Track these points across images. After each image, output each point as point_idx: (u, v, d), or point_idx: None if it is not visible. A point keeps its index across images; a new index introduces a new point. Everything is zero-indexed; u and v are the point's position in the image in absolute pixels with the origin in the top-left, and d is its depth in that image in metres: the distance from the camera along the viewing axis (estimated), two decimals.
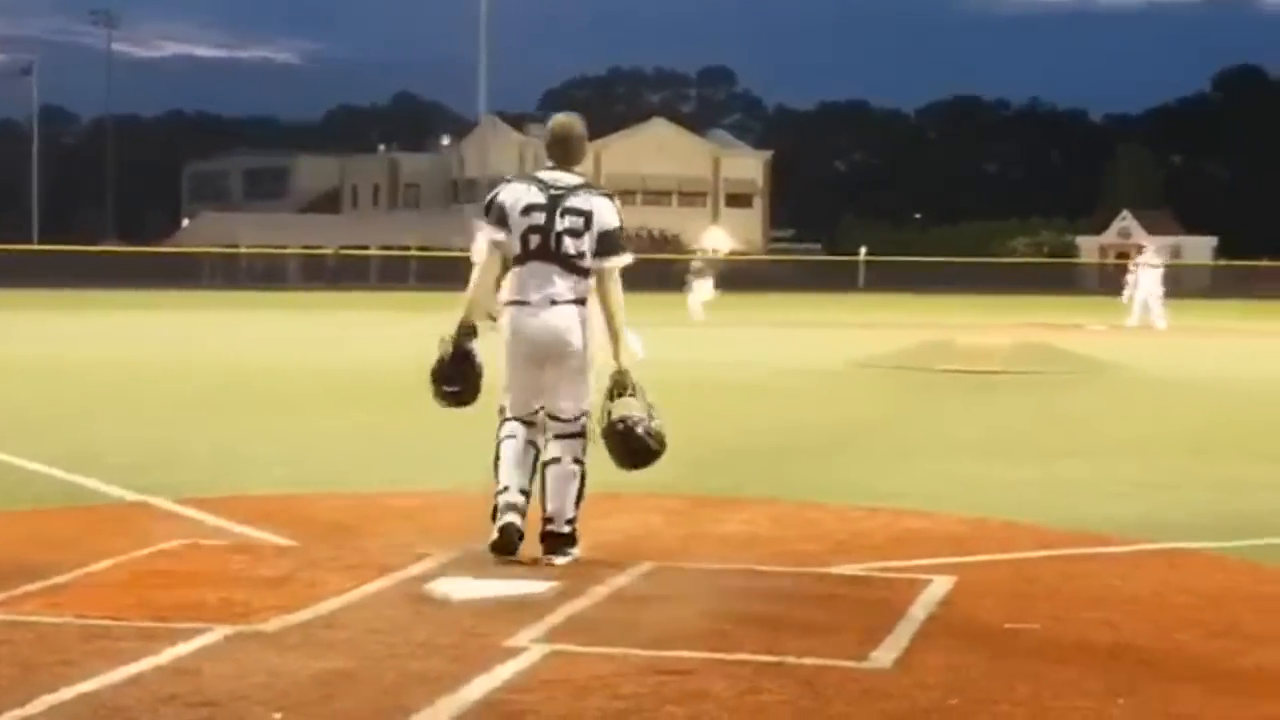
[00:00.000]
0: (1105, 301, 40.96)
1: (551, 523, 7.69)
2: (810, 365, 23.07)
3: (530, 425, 7.80)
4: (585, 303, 7.75)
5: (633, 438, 7.72)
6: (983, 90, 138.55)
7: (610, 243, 7.78)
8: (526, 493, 7.72)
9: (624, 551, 7.90)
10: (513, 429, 7.82)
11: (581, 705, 5.26)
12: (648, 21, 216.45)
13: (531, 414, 7.79)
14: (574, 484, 7.72)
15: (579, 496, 7.74)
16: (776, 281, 73.17)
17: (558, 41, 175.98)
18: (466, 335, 7.81)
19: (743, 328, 34.77)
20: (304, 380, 19.66)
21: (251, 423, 14.56)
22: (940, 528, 9.00)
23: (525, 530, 7.66)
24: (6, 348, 25.63)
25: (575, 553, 7.68)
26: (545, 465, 7.74)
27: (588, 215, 7.73)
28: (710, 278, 40.89)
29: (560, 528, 7.68)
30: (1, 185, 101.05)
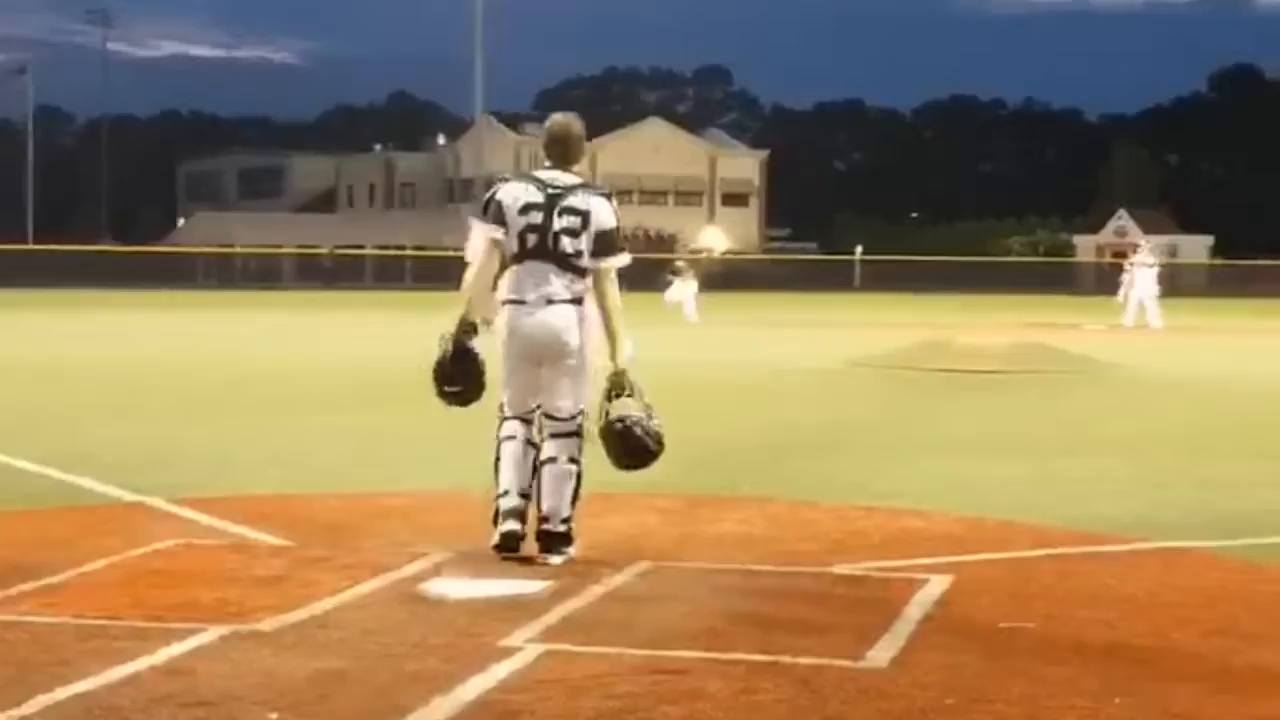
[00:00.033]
0: (1102, 301, 40.94)
1: (547, 522, 7.68)
2: (806, 365, 23.06)
3: (529, 423, 7.81)
4: (582, 302, 7.75)
5: (631, 437, 7.72)
6: (979, 90, 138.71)
7: (607, 243, 7.77)
8: (527, 495, 7.73)
9: (619, 551, 7.90)
10: (511, 429, 7.82)
11: (577, 705, 5.26)
12: (644, 21, 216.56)
13: (529, 412, 7.81)
14: (570, 483, 7.72)
15: (575, 496, 7.74)
16: (773, 281, 73.21)
17: (554, 41, 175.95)
18: (467, 333, 7.80)
19: (739, 327, 34.77)
20: (300, 380, 19.65)
21: (247, 422, 14.54)
22: (936, 527, 9.00)
23: (526, 532, 7.68)
24: (2, 347, 25.62)
25: (571, 552, 7.68)
26: (541, 464, 7.74)
27: (585, 215, 7.73)
28: (694, 279, 39.86)
29: (556, 527, 7.68)
30: None
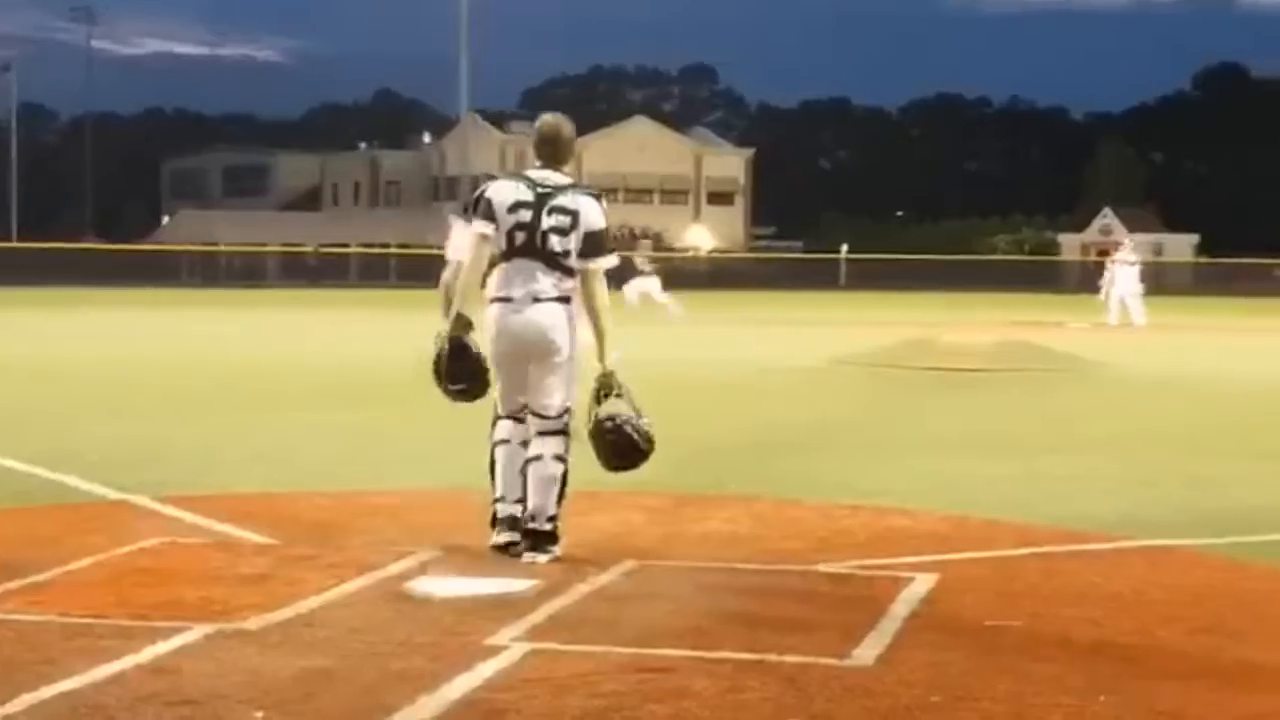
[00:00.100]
0: (1087, 299, 40.97)
1: (533, 520, 7.69)
2: (792, 363, 23.06)
3: (520, 422, 7.81)
4: (569, 300, 7.75)
5: (621, 438, 7.72)
6: (965, 89, 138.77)
7: (596, 243, 7.78)
8: (522, 500, 7.75)
9: (605, 549, 7.90)
10: (504, 431, 7.85)
11: (562, 703, 5.26)
12: (629, 20, 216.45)
13: (519, 410, 7.81)
14: (556, 481, 7.71)
15: (561, 494, 7.74)
16: (758, 280, 73.22)
17: (539, 40, 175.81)
18: (463, 328, 7.78)
19: (724, 326, 34.76)
20: (286, 378, 19.61)
21: (233, 421, 14.52)
22: (922, 525, 9.01)
23: (522, 543, 7.72)
24: None
25: (556, 550, 7.68)
26: (527, 462, 7.74)
27: (574, 214, 7.73)
28: (656, 276, 38.64)
29: (541, 525, 7.68)
30: None
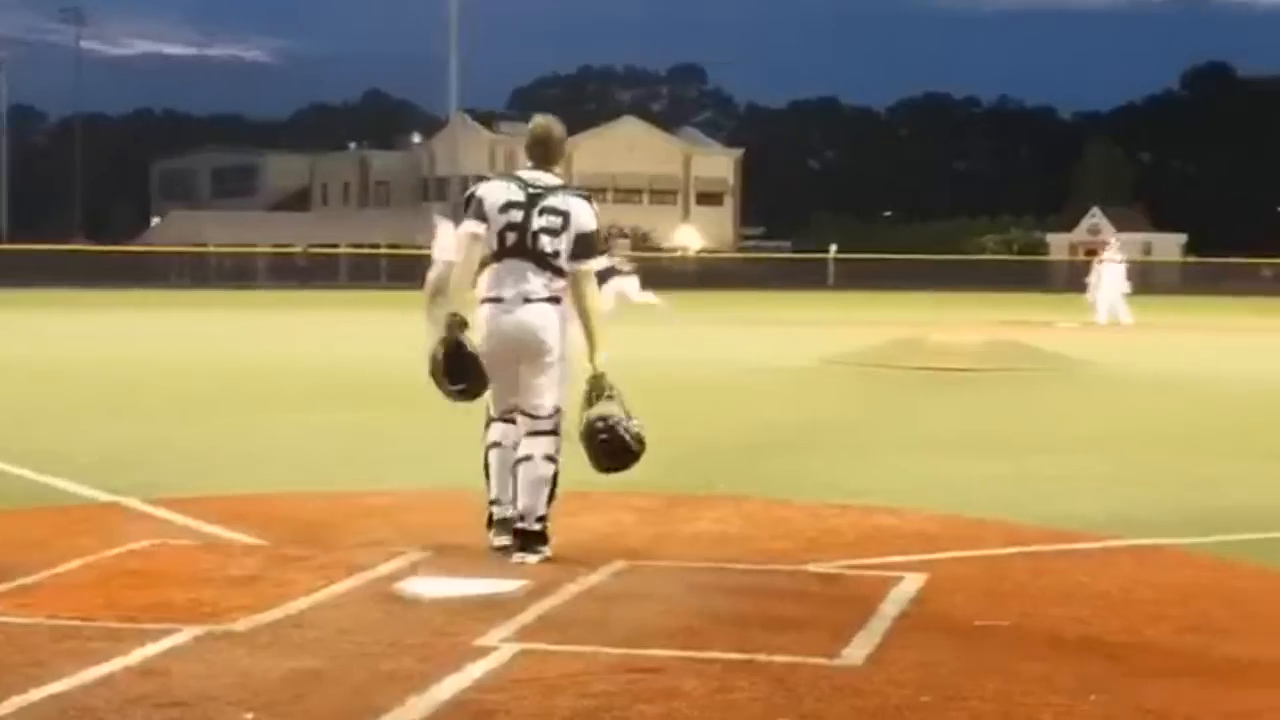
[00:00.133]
0: (1075, 299, 41.06)
1: (522, 520, 7.68)
2: (781, 363, 23.08)
3: (513, 423, 7.81)
4: (559, 301, 7.75)
5: (613, 438, 7.72)
6: (953, 88, 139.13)
7: (587, 245, 7.78)
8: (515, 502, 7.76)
9: (595, 550, 7.90)
10: (496, 434, 7.86)
11: (552, 704, 5.26)
12: (619, 20, 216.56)
13: (510, 411, 7.81)
14: (546, 482, 7.71)
15: (551, 494, 7.73)
16: (747, 280, 73.25)
17: (529, 40, 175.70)
18: (458, 328, 7.77)
19: (714, 326, 34.78)
20: (279, 379, 19.58)
21: (224, 422, 14.50)
22: (911, 525, 9.01)
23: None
24: None
25: (546, 551, 7.67)
26: (517, 462, 7.73)
27: (565, 215, 7.73)
28: (635, 275, 37.29)
29: (531, 525, 7.68)
30: None
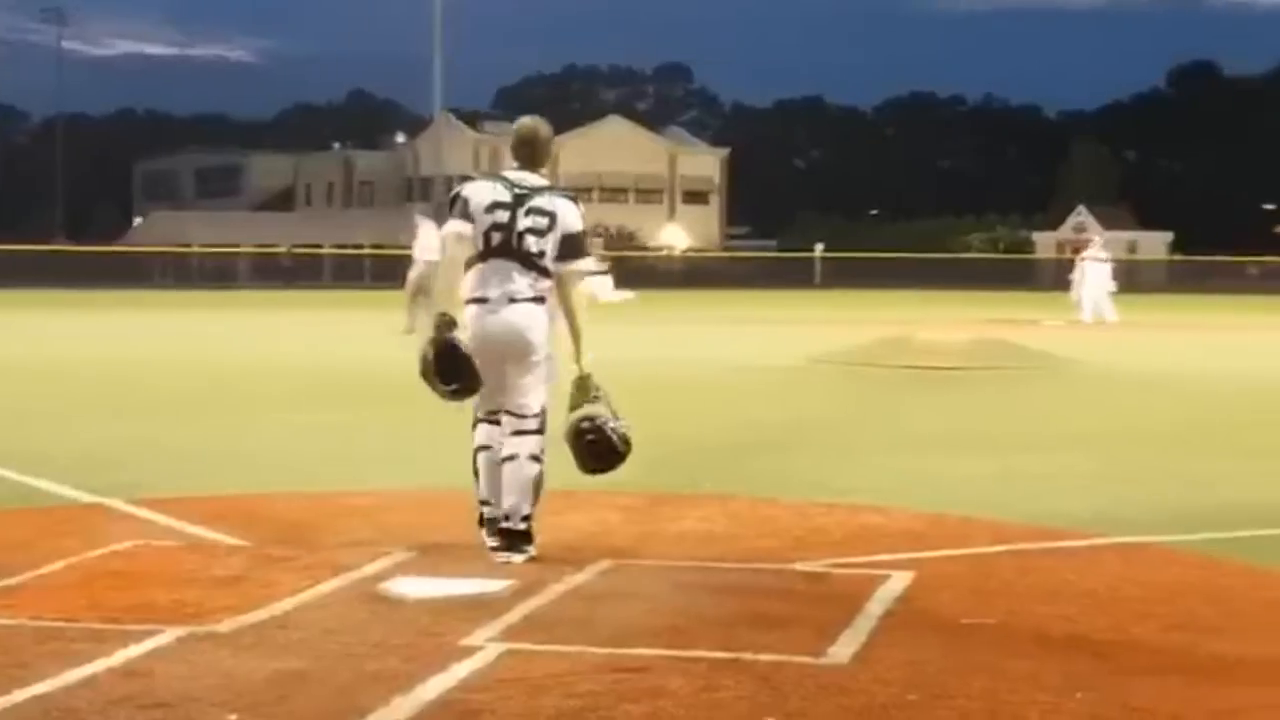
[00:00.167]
0: (1061, 297, 41.12)
1: (507, 520, 7.66)
2: (767, 362, 23.07)
3: (497, 424, 7.79)
4: (545, 301, 7.74)
5: (600, 439, 7.71)
6: (938, 87, 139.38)
7: (573, 246, 7.78)
8: None
9: (581, 549, 7.88)
10: (483, 436, 7.84)
11: (537, 704, 5.24)
12: (604, 19, 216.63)
13: (495, 411, 7.79)
14: (531, 481, 7.69)
15: (536, 494, 7.72)
16: (733, 278, 73.31)
17: (513, 39, 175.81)
18: (447, 327, 7.74)
19: (699, 325, 34.79)
20: (260, 379, 19.54)
21: (210, 423, 14.46)
22: (897, 523, 9.01)
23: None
24: None
25: (531, 550, 7.66)
26: (502, 461, 7.72)
27: (552, 216, 7.72)
28: (608, 275, 37.74)
29: (516, 525, 7.66)
30: None
